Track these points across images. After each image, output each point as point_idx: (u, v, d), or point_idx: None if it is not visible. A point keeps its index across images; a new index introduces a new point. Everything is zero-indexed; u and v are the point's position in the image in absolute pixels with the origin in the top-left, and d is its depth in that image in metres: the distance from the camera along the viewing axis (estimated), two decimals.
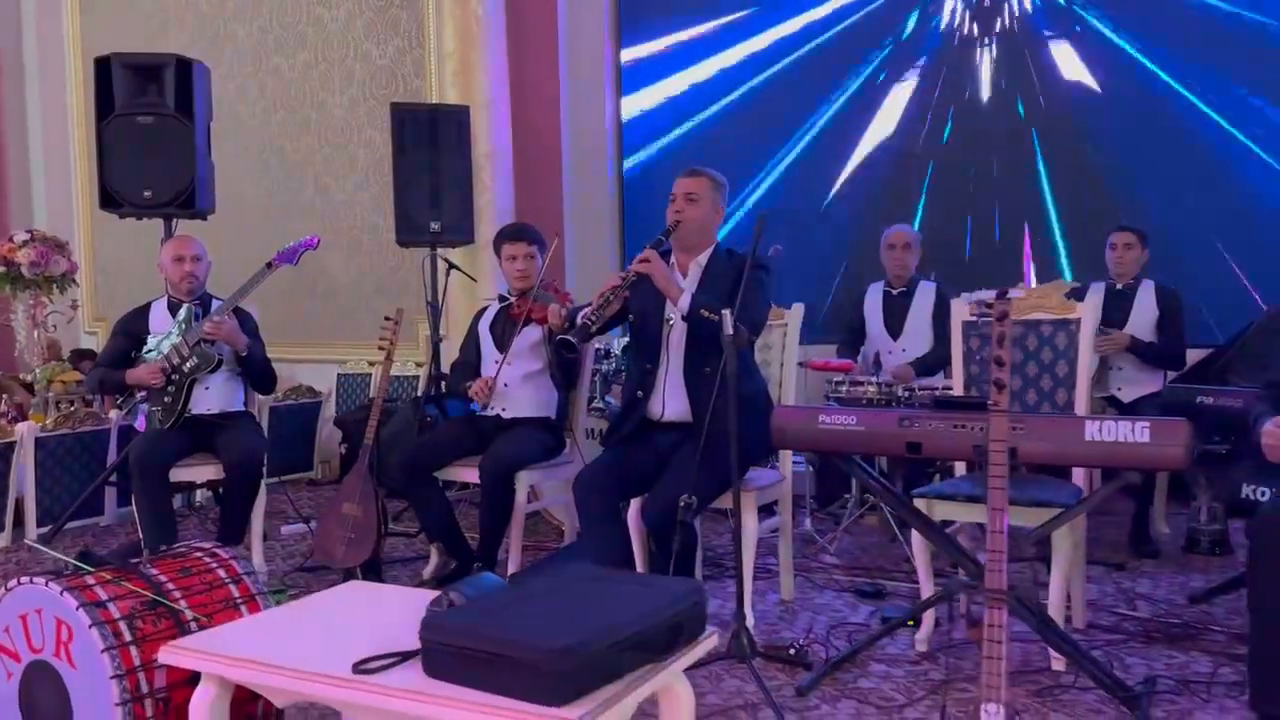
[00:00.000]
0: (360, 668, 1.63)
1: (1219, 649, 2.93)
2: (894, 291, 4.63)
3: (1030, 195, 5.37)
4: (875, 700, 2.62)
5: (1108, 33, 5.19)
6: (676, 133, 6.24)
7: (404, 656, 1.66)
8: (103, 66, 4.60)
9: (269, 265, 3.83)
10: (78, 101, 7.63)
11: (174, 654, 1.80)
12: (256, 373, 3.91)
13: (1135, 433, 2.29)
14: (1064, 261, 5.33)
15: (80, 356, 6.12)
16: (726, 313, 2.79)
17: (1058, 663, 2.78)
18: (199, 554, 2.26)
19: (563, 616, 1.60)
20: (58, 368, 5.67)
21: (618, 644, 1.54)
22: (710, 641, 1.79)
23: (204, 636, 1.89)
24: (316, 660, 1.70)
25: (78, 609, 1.97)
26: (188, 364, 3.73)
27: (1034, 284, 4.99)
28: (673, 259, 3.25)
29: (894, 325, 4.60)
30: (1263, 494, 2.81)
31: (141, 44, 6.90)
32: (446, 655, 1.57)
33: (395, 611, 1.92)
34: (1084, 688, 2.65)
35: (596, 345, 4.43)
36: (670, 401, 3.22)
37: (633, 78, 6.34)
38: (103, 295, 7.64)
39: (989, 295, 1.59)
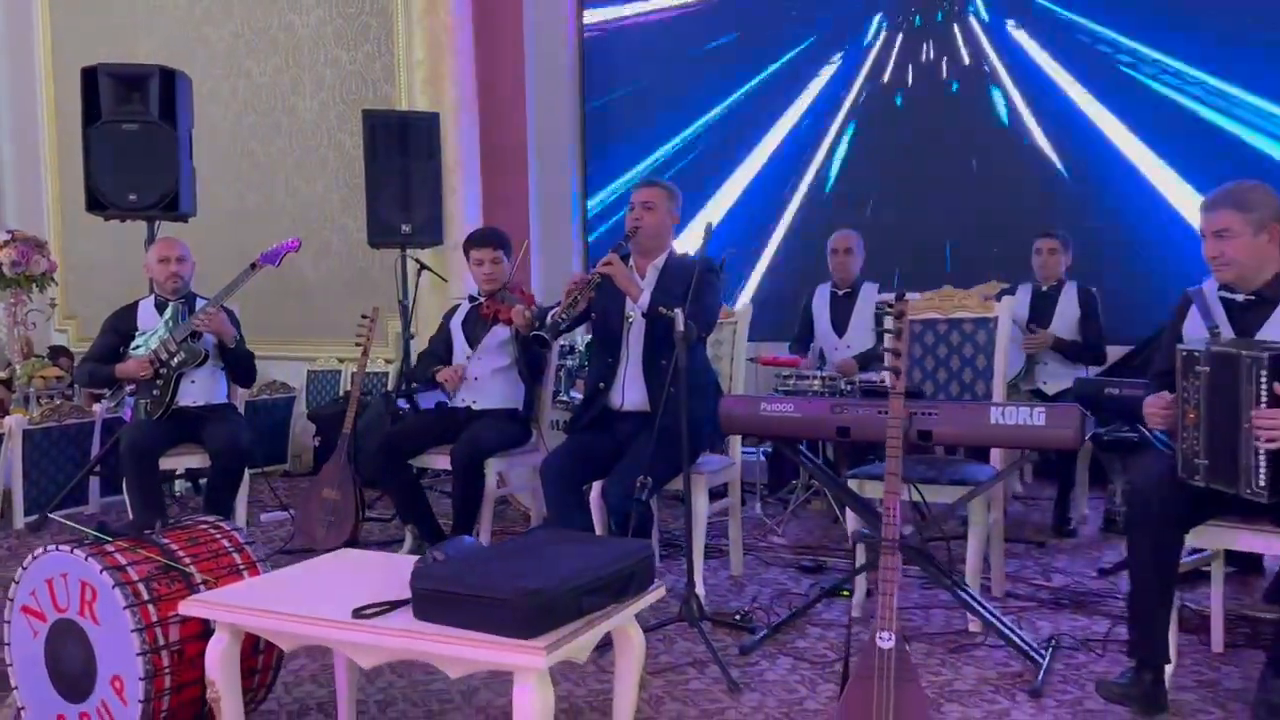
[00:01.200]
0: (360, 612, 1.91)
1: (1118, 613, 3.27)
2: (839, 292, 4.96)
3: (969, 201, 5.74)
4: (810, 658, 2.94)
5: (1033, 49, 5.57)
6: (640, 141, 6.55)
7: (396, 604, 1.95)
8: (89, 76, 4.82)
9: (253, 266, 4.07)
10: (49, 106, 7.79)
11: (193, 606, 2.07)
12: (239, 365, 4.15)
13: (1033, 417, 2.63)
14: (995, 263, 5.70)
15: (58, 353, 6.30)
16: (678, 311, 3.09)
17: (974, 625, 3.11)
18: (204, 526, 2.52)
19: (532, 566, 1.89)
20: (38, 364, 5.86)
21: (578, 588, 1.83)
22: (658, 592, 2.10)
23: (217, 592, 2.16)
24: (318, 609, 1.97)
25: (101, 572, 2.22)
26: (175, 359, 3.97)
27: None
28: (632, 262, 3.55)
29: (840, 323, 4.93)
30: None
31: (113, 50, 7.06)
32: (433, 600, 1.86)
33: (382, 573, 2.20)
34: (994, 645, 2.98)
35: (561, 342, 4.72)
36: (629, 392, 3.52)
37: (599, 83, 6.65)
38: (74, 294, 7.79)
39: (889, 297, 1.89)
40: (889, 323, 3.60)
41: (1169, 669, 2.58)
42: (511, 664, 1.76)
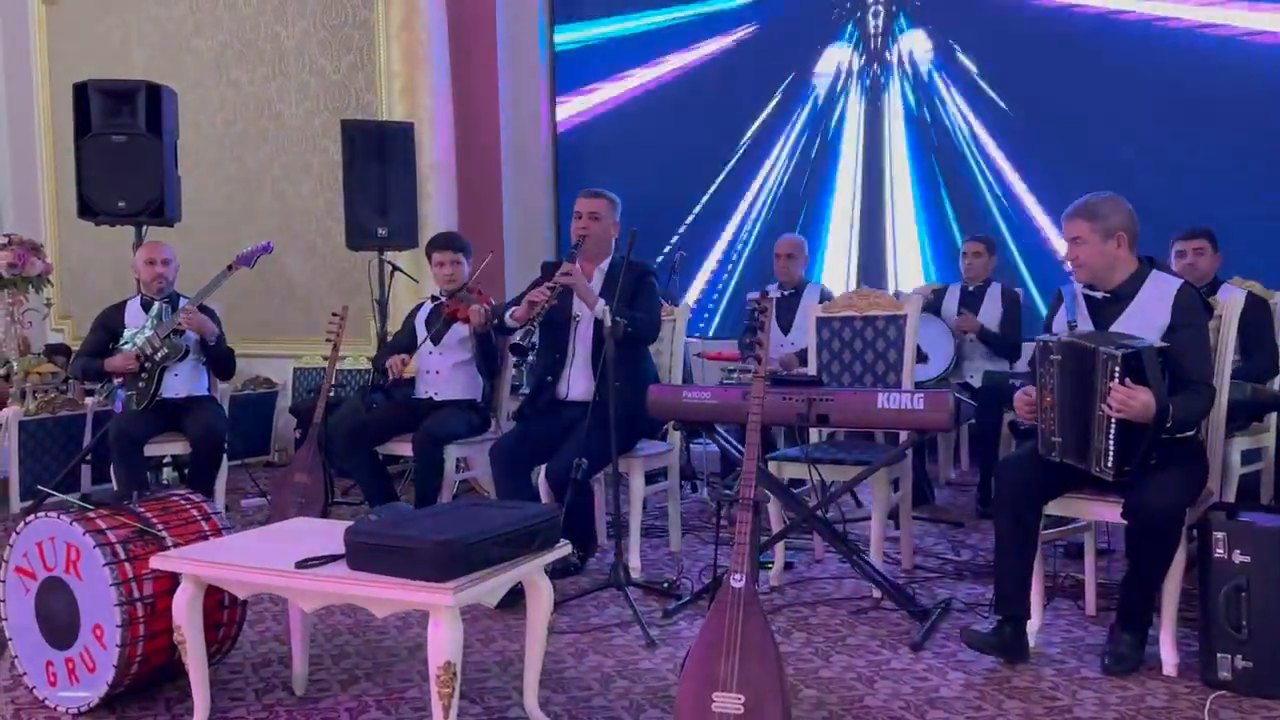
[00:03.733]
0: (302, 564, 2.24)
1: None
2: (785, 293, 5.29)
3: (904, 207, 6.09)
4: None
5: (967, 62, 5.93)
6: (610, 148, 6.90)
7: (333, 558, 2.28)
8: (80, 91, 5.16)
9: (229, 268, 4.40)
10: (45, 118, 8.13)
11: (162, 560, 2.40)
12: (219, 361, 4.48)
13: (913, 402, 2.97)
14: (930, 264, 6.06)
15: (54, 351, 6.64)
16: (601, 302, 3.42)
17: (876, 592, 3.44)
18: (176, 497, 2.85)
19: (450, 523, 2.22)
20: (34, 360, 6.19)
21: (485, 540, 2.17)
22: (563, 550, 2.43)
23: (183, 550, 2.49)
24: (270, 562, 2.31)
25: (84, 534, 2.55)
26: (159, 354, 4.30)
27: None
28: (578, 265, 3.88)
29: (785, 322, 5.26)
30: None
31: (106, 60, 7.42)
32: (364, 551, 2.19)
33: (328, 535, 2.52)
34: (891, 609, 3.32)
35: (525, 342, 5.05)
36: (575, 384, 3.86)
37: (569, 91, 7.00)
38: (68, 295, 8.12)
39: (755, 295, 2.21)
40: (809, 316, 3.94)
41: (1033, 625, 2.91)
42: (426, 603, 2.09)
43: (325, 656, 2.99)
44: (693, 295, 6.51)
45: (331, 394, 4.68)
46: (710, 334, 6.50)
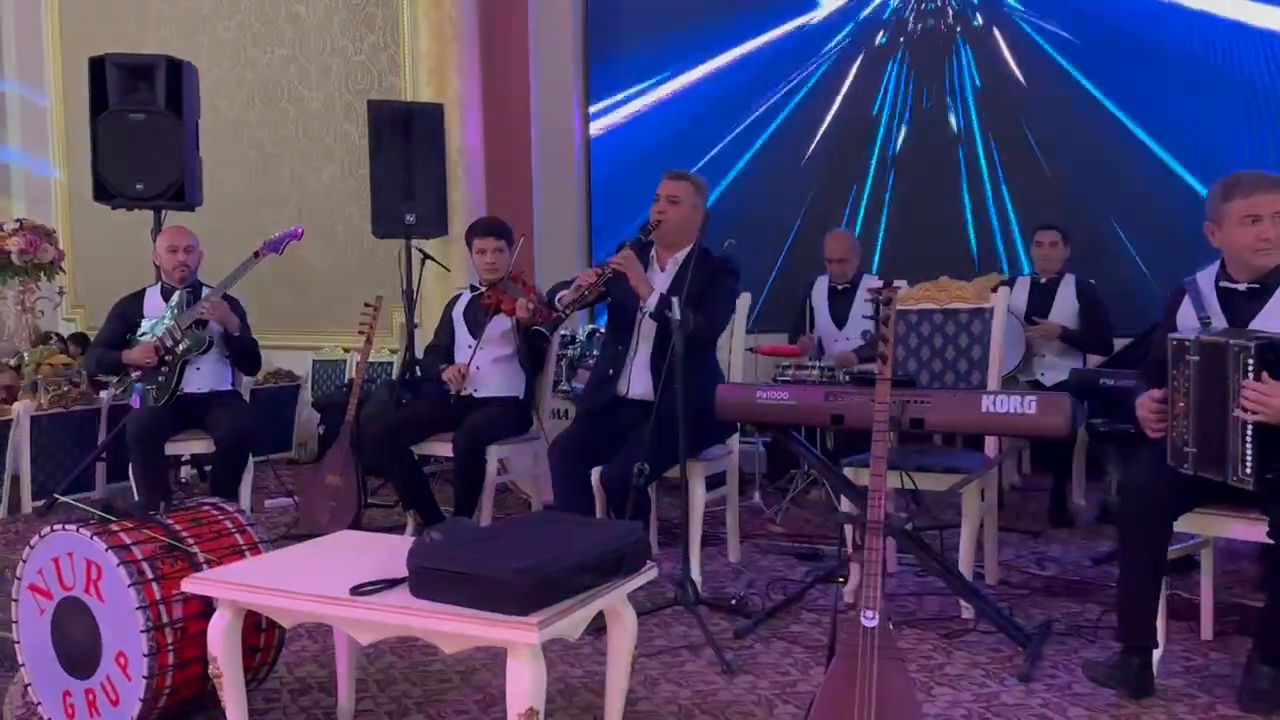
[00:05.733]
0: (358, 590, 1.95)
1: (1110, 601, 3.29)
2: (838, 287, 4.98)
3: (974, 193, 5.77)
4: (803, 642, 2.98)
5: (1037, 37, 5.59)
6: (644, 127, 6.58)
7: (393, 582, 1.99)
8: (96, 66, 4.86)
9: (256, 254, 4.12)
10: (58, 96, 7.85)
11: (195, 584, 2.11)
12: (244, 354, 4.20)
13: (1024, 405, 2.66)
14: (1004, 255, 5.73)
15: (72, 340, 6.38)
16: (675, 300, 3.12)
17: (967, 612, 3.15)
18: (207, 507, 2.57)
19: (525, 545, 1.93)
20: (46, 351, 5.91)
21: (570, 567, 1.87)
22: (650, 573, 2.14)
23: (220, 570, 2.21)
24: (318, 586, 2.02)
25: (107, 550, 2.27)
26: (180, 345, 4.02)
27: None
28: (654, 252, 3.58)
29: (839, 316, 4.96)
30: None
31: (122, 40, 7.13)
32: (429, 577, 1.90)
33: (382, 553, 2.24)
34: (987, 631, 3.02)
35: (563, 332, 4.76)
36: (636, 381, 3.56)
37: (601, 76, 6.68)
38: (82, 283, 7.86)
39: (877, 284, 1.92)
40: (868, 309, 3.64)
41: (1156, 654, 2.61)
42: (505, 640, 1.80)
43: (370, 682, 2.70)
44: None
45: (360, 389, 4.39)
46: (749, 327, 6.18)
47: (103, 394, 5.11)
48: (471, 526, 2.16)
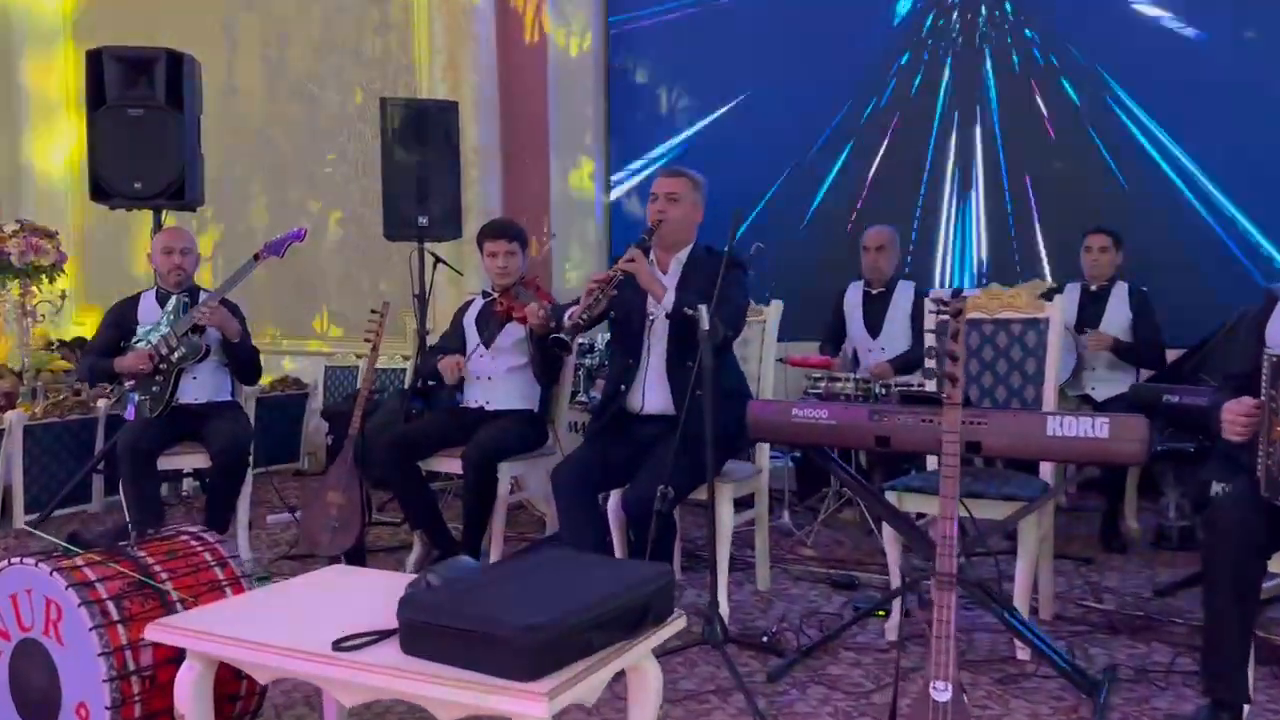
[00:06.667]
0: (340, 645, 1.69)
1: (1179, 640, 3.01)
2: (873, 291, 4.69)
3: (1018, 198, 5.47)
4: (844, 686, 2.70)
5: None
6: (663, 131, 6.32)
7: (382, 635, 1.73)
8: (94, 59, 4.64)
9: (256, 257, 3.88)
10: (70, 92, 7.66)
11: (160, 631, 1.86)
12: (243, 362, 3.96)
13: (1095, 428, 2.37)
14: (1045, 262, 5.43)
15: (75, 345, 6.18)
16: (703, 308, 2.86)
17: (1022, 652, 2.86)
18: (185, 537, 2.32)
19: (534, 596, 1.67)
20: (46, 356, 5.71)
21: (586, 622, 1.61)
22: (678, 624, 1.87)
23: (189, 615, 1.96)
24: (298, 638, 1.76)
25: (67, 588, 2.03)
26: (176, 353, 3.78)
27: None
28: (653, 256, 3.32)
29: (873, 324, 4.67)
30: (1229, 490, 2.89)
31: (134, 34, 6.92)
32: (422, 632, 1.64)
33: (376, 594, 1.98)
34: (1046, 676, 2.73)
35: (580, 340, 4.49)
36: (651, 395, 3.29)
37: (621, 73, 6.42)
38: (93, 286, 7.66)
39: (944, 293, 1.66)
40: (931, 321, 3.37)
41: (1247, 709, 2.32)
42: (508, 711, 1.54)
43: None
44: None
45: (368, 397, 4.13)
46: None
47: (100, 402, 4.89)
48: (473, 569, 1.90)
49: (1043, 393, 3.16)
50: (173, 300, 3.93)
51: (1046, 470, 3.13)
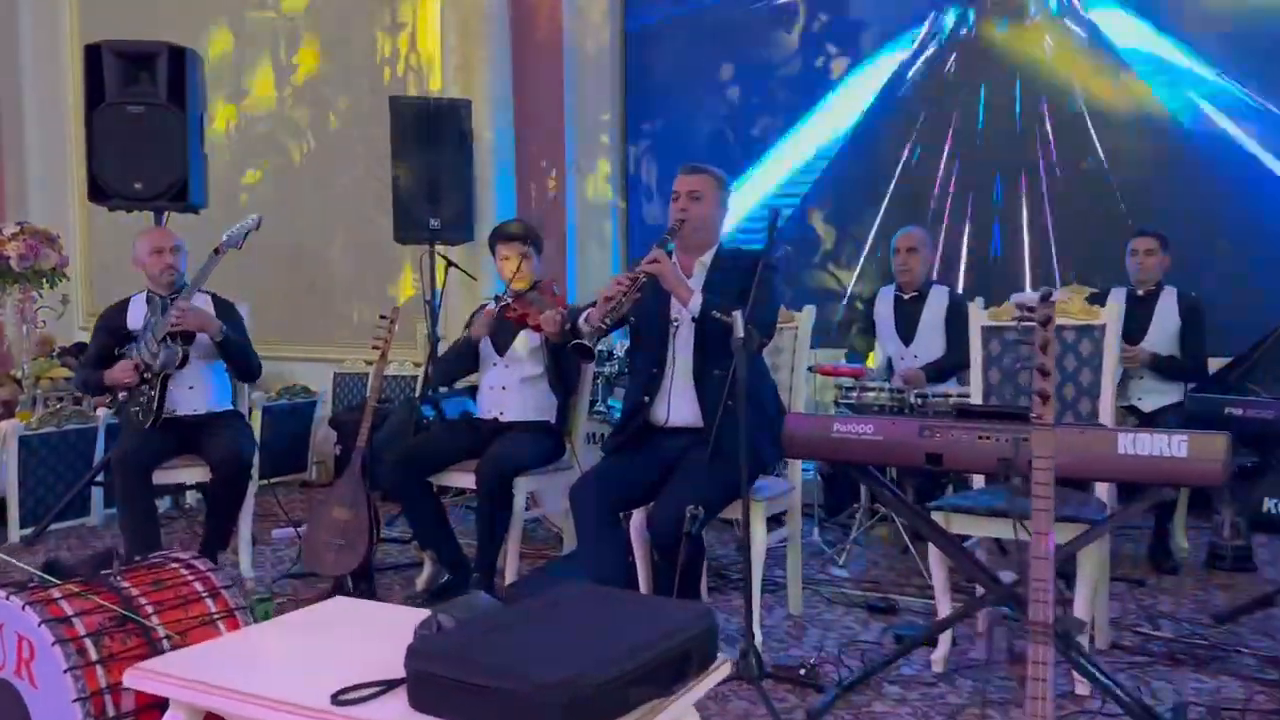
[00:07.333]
0: (339, 698, 1.49)
1: (1249, 673, 2.79)
2: (905, 296, 4.48)
3: (1038, 201, 5.25)
4: None
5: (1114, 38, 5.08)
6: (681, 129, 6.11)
7: (387, 686, 1.53)
8: (93, 54, 4.46)
9: (216, 251, 3.65)
10: (75, 91, 7.49)
11: (140, 678, 1.66)
12: (236, 359, 3.75)
13: (1172, 447, 2.15)
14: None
15: (75, 351, 6.01)
16: (737, 314, 2.65)
17: (1080, 686, 2.64)
18: (175, 565, 2.12)
19: (561, 645, 1.46)
20: (47, 364, 5.54)
21: (621, 677, 1.40)
22: (722, 670, 1.66)
23: (174, 658, 1.75)
24: (293, 688, 1.56)
25: (40, 625, 1.83)
26: (157, 361, 3.58)
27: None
28: (675, 258, 3.11)
29: (906, 330, 4.45)
30: None
31: (139, 31, 6.76)
32: (433, 686, 1.43)
33: (382, 632, 1.78)
34: (1110, 715, 2.51)
35: (599, 347, 4.29)
36: (676, 407, 3.08)
37: (638, 72, 6.22)
38: (100, 291, 7.49)
39: (1030, 298, 1.45)
40: (974, 325, 3.14)
41: None
42: None
43: None
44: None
45: (376, 407, 3.93)
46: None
47: (100, 411, 4.70)
48: (491, 608, 1.70)
49: (1099, 405, 2.95)
50: (155, 303, 3.73)
51: (1101, 488, 2.91)
